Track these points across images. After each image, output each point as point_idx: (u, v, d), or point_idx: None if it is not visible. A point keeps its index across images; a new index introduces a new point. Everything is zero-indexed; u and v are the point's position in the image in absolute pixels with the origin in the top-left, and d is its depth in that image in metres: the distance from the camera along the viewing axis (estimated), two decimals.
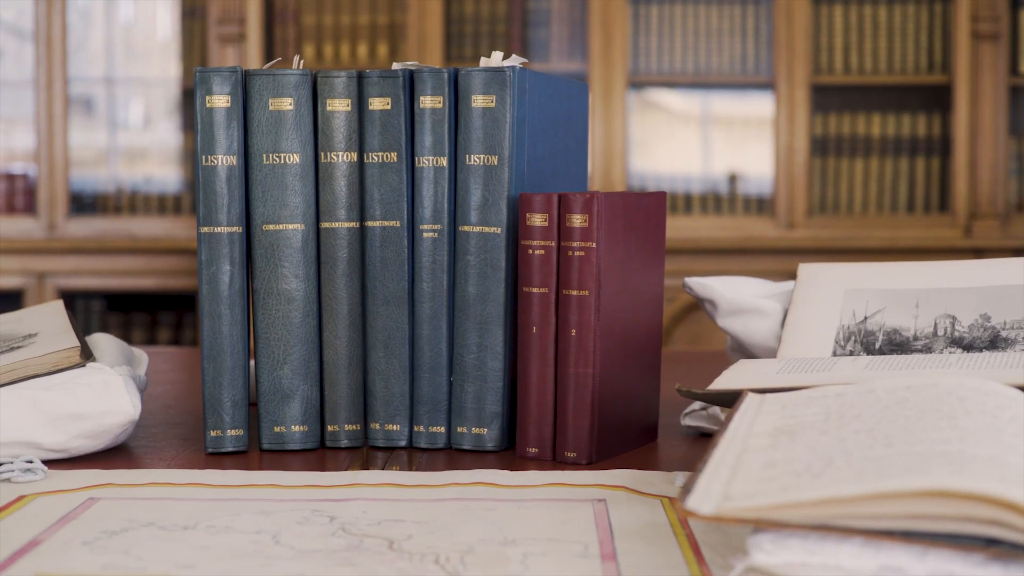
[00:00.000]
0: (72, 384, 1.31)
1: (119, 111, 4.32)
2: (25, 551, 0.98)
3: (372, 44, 4.15)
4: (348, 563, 0.95)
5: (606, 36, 4.06)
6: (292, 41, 4.17)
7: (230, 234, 1.34)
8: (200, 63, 4.26)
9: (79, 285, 4.20)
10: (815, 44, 4.14)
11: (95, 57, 4.38)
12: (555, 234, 1.30)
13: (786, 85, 4.10)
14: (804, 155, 4.11)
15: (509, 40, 4.16)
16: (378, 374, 1.38)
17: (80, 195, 4.28)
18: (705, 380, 1.70)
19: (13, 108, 4.48)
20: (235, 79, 1.34)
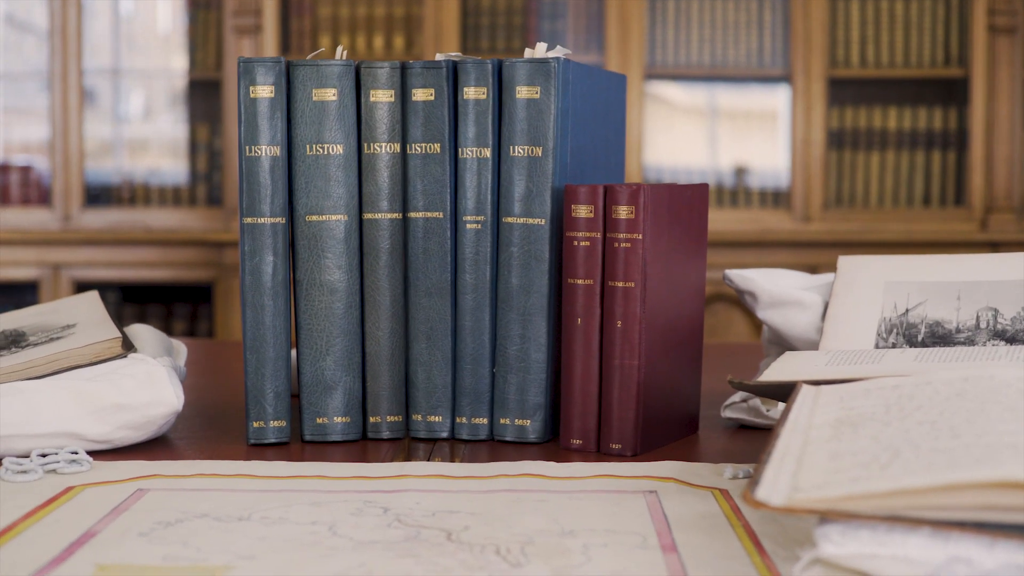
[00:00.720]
0: (115, 375, 1.31)
1: (120, 103, 4.30)
2: (82, 542, 0.98)
3: (388, 36, 4.14)
4: (409, 554, 0.95)
5: (623, 28, 4.05)
6: (308, 33, 4.16)
7: (273, 225, 1.34)
8: (215, 55, 4.25)
9: (94, 276, 4.20)
10: (831, 37, 4.13)
11: (97, 50, 4.37)
12: (600, 226, 1.30)
13: (803, 78, 4.09)
14: (820, 148, 4.10)
15: (525, 32, 4.16)
16: (420, 365, 1.37)
17: (88, 187, 4.28)
18: (742, 372, 1.70)
19: (15, 100, 4.47)
20: (279, 69, 1.33)
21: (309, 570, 0.91)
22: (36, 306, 1.61)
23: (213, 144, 4.25)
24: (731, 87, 4.39)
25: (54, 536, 0.99)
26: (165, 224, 4.18)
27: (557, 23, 4.17)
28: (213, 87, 4.27)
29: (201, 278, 4.10)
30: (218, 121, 4.25)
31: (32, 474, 1.19)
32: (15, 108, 4.48)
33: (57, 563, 0.92)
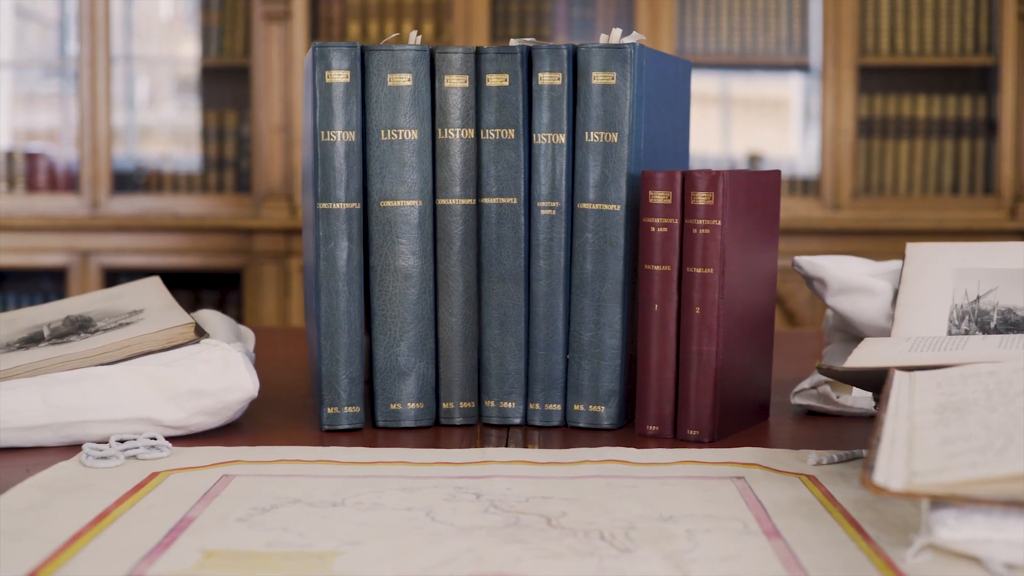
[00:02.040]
0: (191, 360, 1.31)
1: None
2: (180, 528, 0.97)
3: (417, 22, 4.13)
4: (515, 540, 0.94)
5: (653, 16, 4.04)
6: (337, 19, 4.15)
7: (348, 210, 1.33)
8: (244, 42, 4.25)
9: (123, 263, 4.20)
10: (861, 26, 4.12)
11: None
12: (678, 212, 1.30)
13: (833, 66, 4.08)
14: (850, 136, 4.10)
15: (555, 19, 4.15)
16: (493, 351, 1.37)
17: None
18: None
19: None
20: (354, 54, 1.33)
21: (418, 556, 0.91)
22: (98, 292, 1.61)
23: (241, 131, 4.25)
24: (749, 75, 4.38)
25: (152, 522, 0.99)
26: (193, 211, 4.18)
27: (587, 11, 4.17)
28: (241, 73, 4.26)
29: (230, 265, 4.09)
30: (246, 107, 4.24)
31: (113, 460, 1.19)
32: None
33: (162, 549, 0.92)
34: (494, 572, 0.87)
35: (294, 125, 4.08)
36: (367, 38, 4.13)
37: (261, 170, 4.12)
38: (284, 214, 4.08)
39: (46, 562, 0.89)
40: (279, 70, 4.08)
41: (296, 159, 4.08)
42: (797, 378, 1.59)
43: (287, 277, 4.05)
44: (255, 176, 4.15)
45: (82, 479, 1.13)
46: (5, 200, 4.25)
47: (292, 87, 4.07)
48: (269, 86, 4.09)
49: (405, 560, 0.90)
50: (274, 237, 4.07)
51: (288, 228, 4.06)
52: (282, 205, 4.08)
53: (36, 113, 4.45)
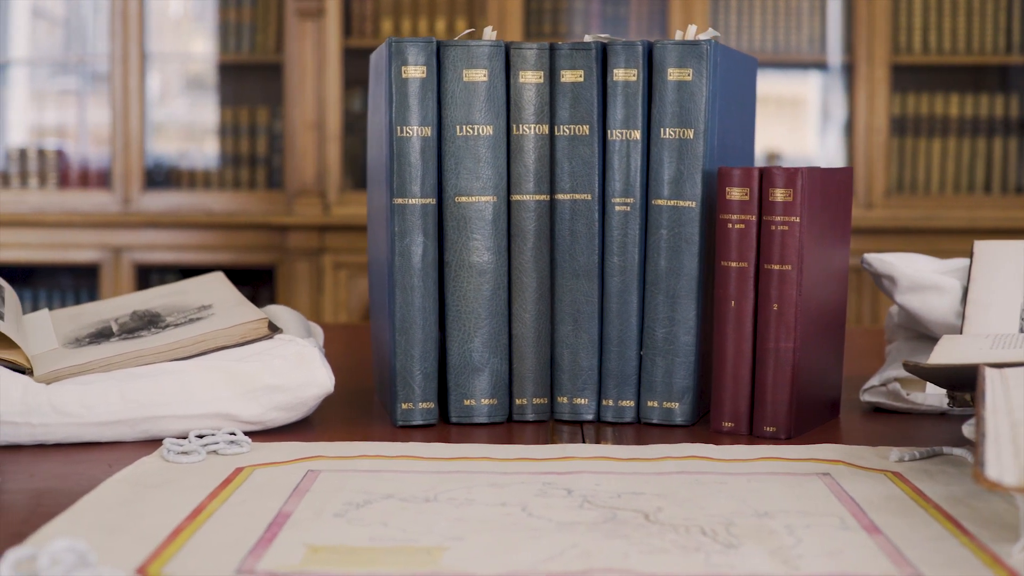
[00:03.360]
0: (266, 356, 1.31)
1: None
2: (279, 523, 0.97)
3: (450, 19, 4.13)
4: (617, 535, 0.94)
5: (686, 14, 4.04)
6: (370, 16, 4.15)
7: (423, 206, 1.33)
8: (276, 39, 4.25)
9: (155, 260, 4.20)
10: (894, 24, 4.11)
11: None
12: (756, 208, 1.29)
13: (866, 65, 4.08)
14: (883, 135, 4.09)
15: (588, 16, 4.15)
16: (566, 347, 1.37)
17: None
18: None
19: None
20: (430, 49, 1.33)
21: (523, 551, 0.91)
22: (160, 287, 1.61)
23: (273, 127, 4.25)
24: (784, 73, 4.37)
25: (247, 517, 0.99)
26: (224, 207, 4.18)
27: (620, 8, 4.16)
28: (273, 70, 4.26)
29: (262, 261, 4.10)
30: (279, 104, 4.24)
31: (195, 455, 1.19)
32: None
33: (265, 544, 0.92)
34: (603, 567, 0.87)
35: (327, 122, 4.08)
36: (400, 35, 4.12)
37: (294, 167, 4.12)
38: (317, 211, 4.08)
39: (152, 558, 0.89)
40: (312, 67, 4.08)
41: (329, 155, 4.07)
42: (859, 375, 1.59)
43: (320, 274, 4.05)
44: (287, 173, 4.15)
45: (166, 474, 1.13)
46: (36, 196, 4.25)
47: (325, 83, 4.07)
48: (302, 83, 4.08)
49: (511, 555, 0.90)
50: (307, 234, 4.07)
51: (321, 225, 4.06)
52: (315, 202, 4.08)
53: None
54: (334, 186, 4.09)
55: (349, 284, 4.05)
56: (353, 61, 4.16)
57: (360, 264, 4.05)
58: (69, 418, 1.25)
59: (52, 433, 1.25)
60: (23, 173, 4.29)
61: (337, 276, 4.05)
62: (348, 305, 4.03)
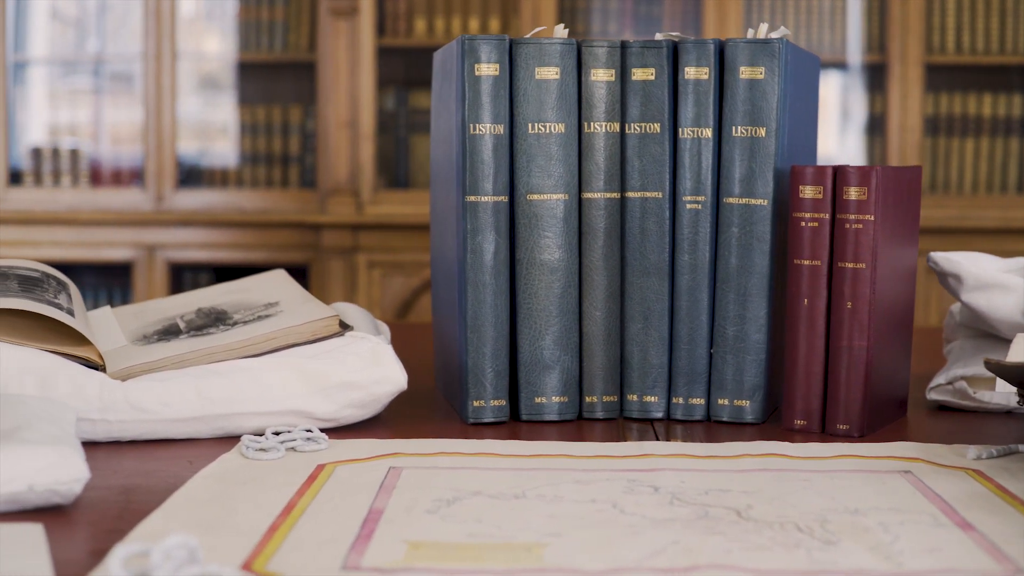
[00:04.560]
0: (339, 353, 1.31)
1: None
2: (373, 520, 0.97)
3: (484, 18, 4.13)
4: (714, 532, 0.94)
5: (720, 12, 4.04)
6: (403, 15, 4.15)
7: (495, 203, 1.33)
8: (309, 38, 4.25)
9: (189, 258, 4.21)
10: (928, 24, 4.11)
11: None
12: (829, 206, 1.29)
13: (899, 65, 4.07)
14: (917, 135, 4.09)
15: (622, 15, 4.15)
16: (636, 345, 1.37)
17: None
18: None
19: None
20: (503, 47, 1.33)
21: (624, 548, 0.91)
22: (220, 285, 1.61)
23: (306, 126, 4.25)
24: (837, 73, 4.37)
25: (340, 514, 0.99)
26: (256, 206, 4.18)
27: (653, 7, 4.16)
28: (306, 69, 4.26)
29: (296, 260, 4.10)
30: (312, 103, 4.24)
31: (274, 452, 1.19)
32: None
33: (364, 541, 0.92)
34: (709, 563, 0.87)
35: (360, 120, 4.08)
36: (434, 34, 4.13)
37: (326, 165, 4.12)
38: (350, 210, 4.09)
39: (255, 554, 0.89)
40: (346, 65, 4.08)
41: (363, 154, 4.08)
42: (919, 373, 1.59)
43: (354, 272, 4.05)
44: (320, 171, 4.15)
45: (249, 471, 1.13)
46: (69, 194, 4.26)
47: (358, 82, 4.07)
48: (336, 81, 4.09)
49: (613, 551, 0.90)
50: (341, 233, 4.07)
51: (355, 224, 4.06)
52: (348, 201, 4.08)
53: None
54: (367, 185, 4.09)
55: (383, 283, 4.05)
56: (386, 60, 4.16)
57: (393, 263, 4.05)
58: (146, 415, 1.26)
59: (128, 430, 1.26)
60: (56, 172, 4.30)
61: (371, 275, 4.06)
62: (382, 304, 4.03)
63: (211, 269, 4.27)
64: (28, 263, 1.50)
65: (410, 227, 4.03)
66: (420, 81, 4.24)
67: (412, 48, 4.19)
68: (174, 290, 4.20)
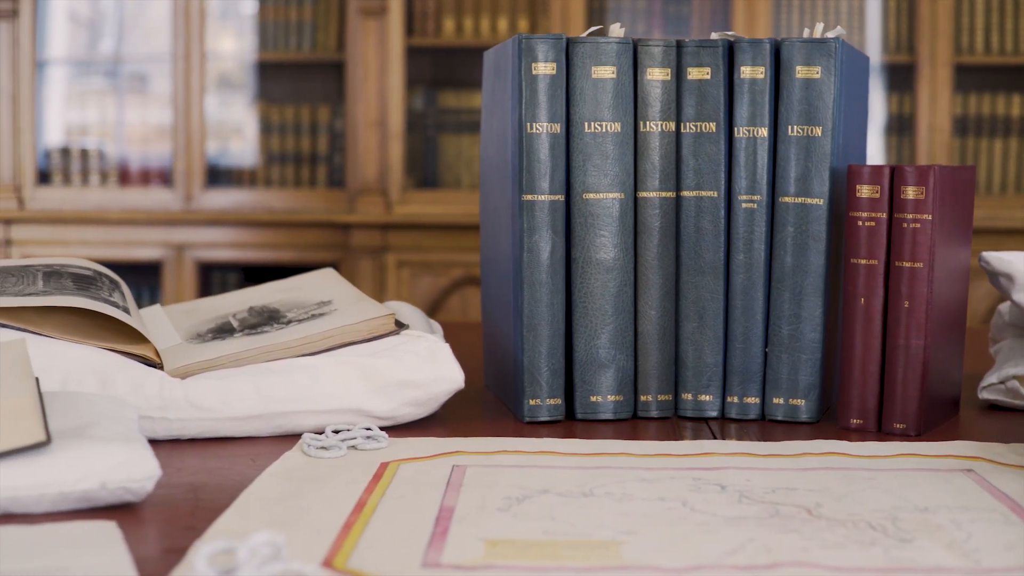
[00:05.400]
0: (397, 351, 1.31)
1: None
2: (446, 518, 0.98)
3: (512, 17, 4.14)
4: (788, 530, 0.94)
5: (749, 12, 4.04)
6: (432, 14, 4.16)
7: (552, 202, 1.34)
8: (337, 37, 4.25)
9: (218, 257, 4.22)
10: (957, 25, 4.10)
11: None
12: (886, 206, 1.29)
13: (929, 65, 4.07)
14: (946, 135, 4.08)
15: (651, 15, 4.15)
16: (691, 344, 1.37)
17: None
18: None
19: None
20: (560, 46, 1.33)
21: (702, 546, 0.91)
22: (271, 283, 1.61)
23: (334, 125, 4.26)
24: None
25: (412, 512, 0.99)
26: (286, 206, 4.19)
27: (682, 7, 4.16)
28: (334, 68, 4.27)
29: (325, 260, 4.10)
30: (340, 102, 4.25)
31: (335, 450, 1.19)
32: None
33: (440, 538, 0.93)
34: (789, 561, 0.87)
35: (389, 120, 4.09)
36: (462, 34, 4.14)
37: (354, 165, 4.13)
38: (379, 209, 4.09)
39: (333, 551, 0.90)
40: (375, 65, 4.09)
41: (392, 154, 4.08)
42: (967, 373, 1.59)
43: (383, 272, 4.06)
44: (349, 171, 4.16)
45: (314, 469, 1.13)
46: (97, 193, 4.27)
47: (387, 82, 4.08)
48: (365, 81, 4.09)
49: (691, 550, 0.90)
50: (370, 232, 4.08)
51: (384, 223, 4.06)
52: (377, 200, 4.09)
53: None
54: (396, 185, 4.10)
55: (412, 282, 4.06)
56: (415, 59, 4.17)
57: (422, 262, 4.06)
58: (205, 413, 1.26)
59: (188, 428, 1.26)
60: (84, 171, 4.31)
61: (400, 274, 4.06)
62: (410, 303, 4.03)
63: (239, 268, 4.28)
64: (80, 261, 1.51)
65: (439, 227, 4.04)
66: (449, 81, 4.24)
67: (441, 48, 4.20)
68: (203, 289, 4.20)
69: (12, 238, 4.23)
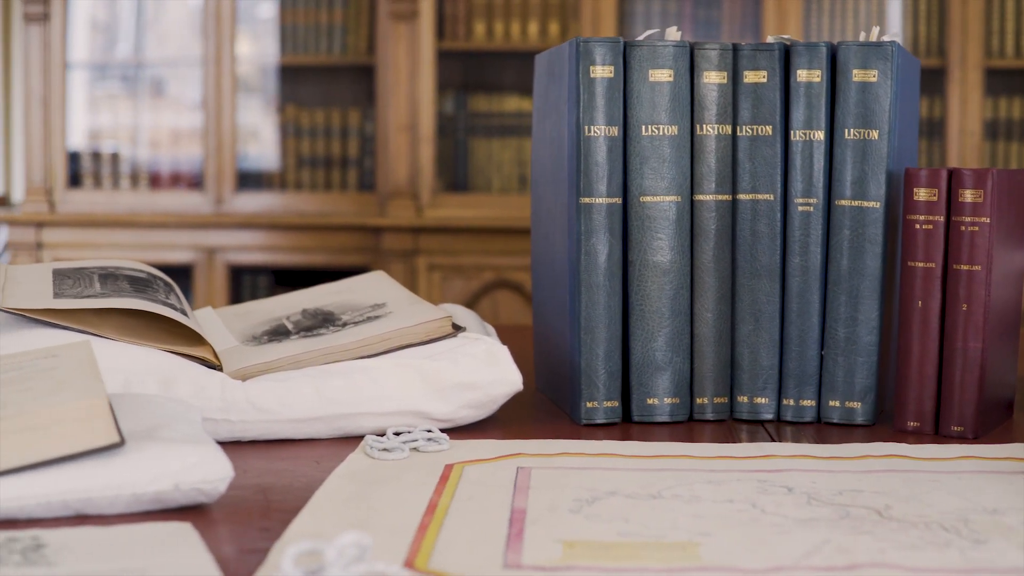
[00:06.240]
0: (455, 354, 1.32)
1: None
2: (518, 519, 0.98)
3: (543, 21, 4.14)
4: (861, 531, 0.95)
5: (780, 16, 4.04)
6: (463, 18, 4.17)
7: (609, 205, 1.34)
8: (368, 41, 4.27)
9: (249, 260, 4.23)
10: (987, 28, 4.10)
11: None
12: (943, 209, 1.30)
13: (959, 69, 4.07)
14: (977, 138, 4.08)
15: (681, 19, 4.15)
16: (746, 347, 1.38)
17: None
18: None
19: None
20: (618, 49, 1.34)
21: (778, 547, 0.91)
22: (321, 286, 1.62)
23: (364, 129, 4.27)
24: None
25: (485, 513, 1.00)
26: (316, 209, 4.20)
27: (712, 11, 4.17)
28: (364, 72, 4.28)
29: (356, 263, 4.12)
30: (371, 106, 4.26)
31: (398, 452, 1.20)
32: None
33: (517, 539, 0.93)
34: (867, 562, 0.88)
35: (420, 124, 4.10)
36: (493, 38, 4.14)
37: (385, 168, 4.14)
38: (410, 212, 4.10)
39: (414, 552, 0.90)
40: (406, 68, 4.10)
41: (422, 157, 4.09)
42: (1021, 375, 1.59)
43: (414, 275, 4.07)
44: (379, 175, 4.17)
45: (379, 471, 1.14)
46: (128, 196, 4.29)
47: (418, 85, 4.09)
48: (396, 85, 4.10)
49: (768, 551, 0.90)
50: (401, 235, 4.09)
51: (415, 227, 4.07)
52: (408, 204, 4.10)
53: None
54: (427, 188, 4.11)
55: (443, 286, 4.07)
56: (445, 63, 4.18)
57: (453, 266, 4.06)
58: (267, 415, 1.27)
59: (250, 430, 1.27)
60: (115, 174, 4.32)
61: (431, 278, 4.07)
62: None
63: (270, 272, 4.29)
64: (134, 263, 1.51)
65: (470, 230, 4.04)
66: (479, 84, 4.25)
67: (471, 51, 4.20)
68: (234, 293, 4.22)
69: (43, 241, 4.24)
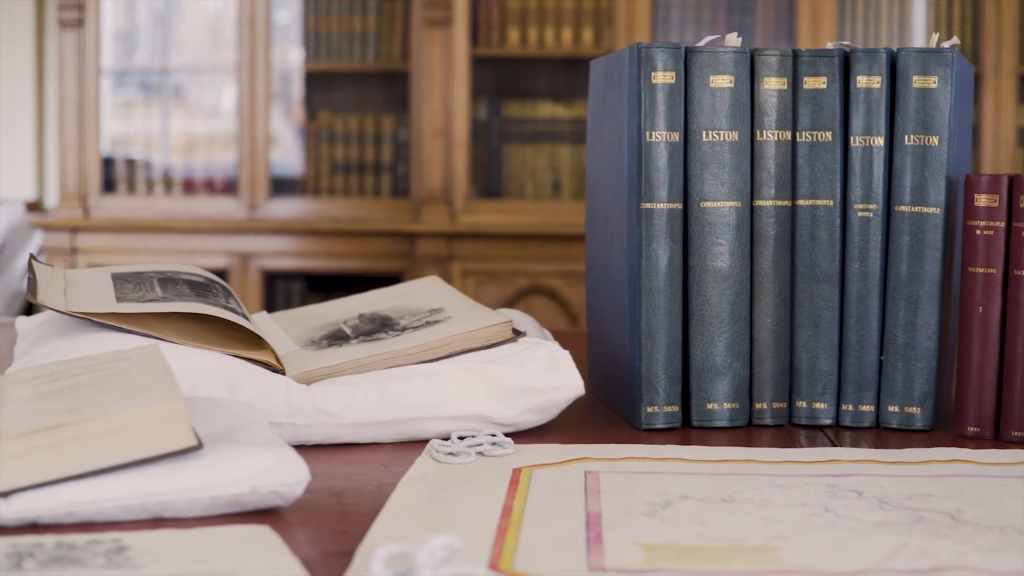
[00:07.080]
0: (517, 358, 1.32)
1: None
2: (595, 523, 0.99)
3: (577, 29, 4.15)
4: (939, 535, 0.95)
5: (814, 24, 4.04)
6: (496, 24, 4.18)
7: (670, 211, 1.35)
8: (401, 47, 4.28)
9: (283, 266, 4.24)
10: (1022, 34, 4.10)
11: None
12: (1005, 215, 1.30)
13: (994, 75, 4.07)
14: (1011, 145, 4.08)
15: (715, 25, 4.16)
16: (805, 352, 1.38)
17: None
18: None
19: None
20: (679, 55, 1.34)
21: (857, 550, 0.92)
22: (376, 291, 1.62)
23: (398, 135, 4.28)
24: None
25: (560, 517, 1.00)
26: (350, 214, 4.21)
27: (746, 17, 4.17)
28: (398, 78, 4.29)
29: (390, 269, 4.13)
30: (404, 112, 4.27)
31: (464, 456, 1.20)
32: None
33: (596, 542, 0.94)
34: (949, 565, 0.88)
35: (454, 129, 4.11)
36: (527, 44, 4.15)
37: (419, 174, 4.15)
38: (444, 218, 4.11)
39: (497, 555, 0.91)
40: (440, 74, 4.11)
41: (456, 163, 4.10)
42: None
43: (448, 281, 4.07)
44: (414, 180, 4.18)
45: (448, 475, 1.14)
46: (162, 202, 4.31)
47: (452, 91, 4.10)
48: (431, 91, 4.12)
49: (848, 554, 0.91)
50: (435, 241, 4.10)
51: (449, 232, 4.08)
52: (442, 209, 4.11)
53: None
54: (460, 194, 4.12)
55: (477, 292, 4.08)
56: (479, 69, 4.19)
57: (488, 272, 4.07)
58: (332, 419, 1.27)
59: (315, 434, 1.28)
60: (149, 180, 4.34)
61: (465, 284, 4.08)
62: None
63: (304, 277, 4.30)
64: (191, 268, 1.52)
65: (504, 236, 4.05)
66: (513, 90, 4.26)
67: (505, 58, 4.21)
68: (268, 298, 4.23)
69: (78, 246, 4.26)
